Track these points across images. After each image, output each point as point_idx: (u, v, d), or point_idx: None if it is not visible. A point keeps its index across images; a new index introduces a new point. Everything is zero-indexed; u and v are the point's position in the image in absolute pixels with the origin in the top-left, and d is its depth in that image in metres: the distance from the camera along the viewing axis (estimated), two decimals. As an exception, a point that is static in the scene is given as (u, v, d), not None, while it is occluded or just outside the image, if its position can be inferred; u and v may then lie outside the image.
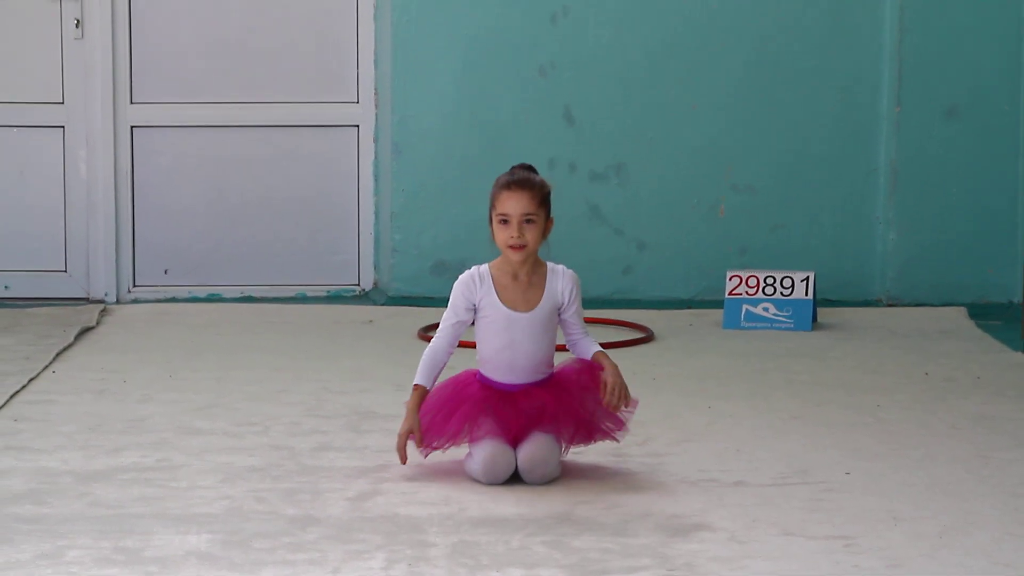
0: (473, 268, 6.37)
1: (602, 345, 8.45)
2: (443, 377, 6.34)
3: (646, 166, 9.57)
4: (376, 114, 9.72)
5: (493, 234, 6.30)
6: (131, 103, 9.71)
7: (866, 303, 9.51)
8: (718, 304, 9.10)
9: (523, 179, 6.26)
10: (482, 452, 6.11)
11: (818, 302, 9.04)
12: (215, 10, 9.69)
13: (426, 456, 6.29)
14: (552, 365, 6.29)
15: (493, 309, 6.24)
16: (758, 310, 8.90)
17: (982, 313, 9.23)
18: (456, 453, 6.30)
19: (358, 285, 9.83)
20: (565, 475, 6.28)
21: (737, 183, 9.62)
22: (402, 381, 7.74)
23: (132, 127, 9.72)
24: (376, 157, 9.73)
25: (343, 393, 7.56)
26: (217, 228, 9.78)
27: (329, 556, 5.42)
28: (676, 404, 7.36)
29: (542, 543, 5.55)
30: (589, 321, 8.82)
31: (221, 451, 6.65)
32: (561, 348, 6.34)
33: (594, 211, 9.53)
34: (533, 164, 9.64)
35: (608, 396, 6.10)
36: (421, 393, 6.21)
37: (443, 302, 9.24)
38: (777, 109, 9.55)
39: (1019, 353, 8.31)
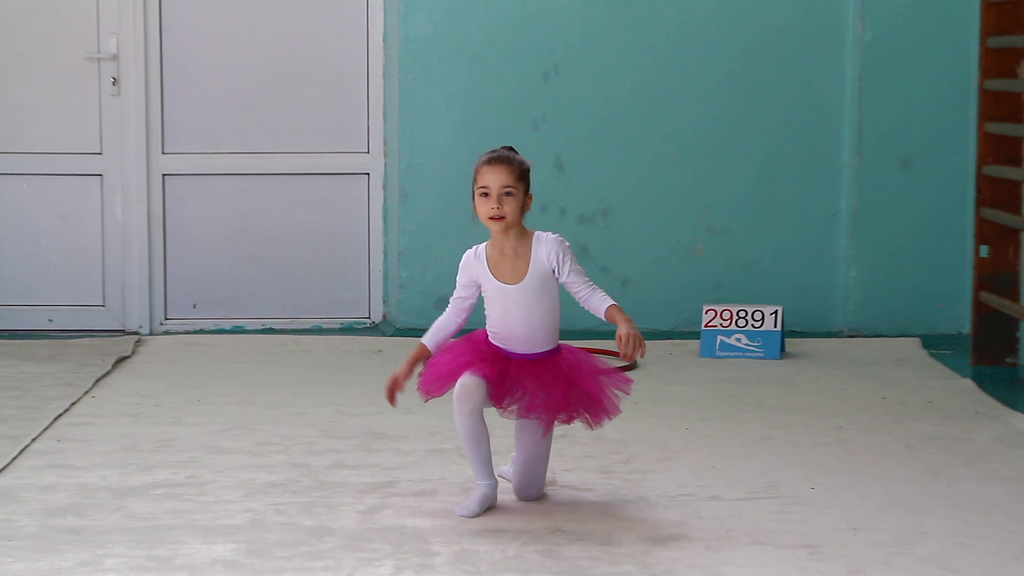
0: (473, 248, 6.27)
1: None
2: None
3: (630, 210, 9.58)
4: (385, 163, 9.73)
5: (475, 209, 6.17)
6: (163, 153, 9.72)
7: (829, 334, 9.51)
8: (695, 335, 9.11)
9: (503, 155, 6.13)
10: (460, 380, 6.04)
11: (786, 333, 9.05)
12: (239, 69, 9.70)
13: (425, 401, 6.25)
14: (555, 340, 6.14)
15: (488, 283, 6.13)
16: (732, 340, 8.91)
17: (934, 343, 9.23)
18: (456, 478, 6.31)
19: (368, 318, 9.84)
20: (556, 490, 6.28)
21: (713, 226, 9.63)
22: (409, 405, 7.74)
23: (164, 175, 9.72)
24: (385, 202, 9.73)
25: (355, 416, 7.57)
26: (241, 266, 9.78)
27: (343, 563, 5.44)
28: (657, 426, 7.36)
29: (535, 552, 5.56)
30: (578, 351, 8.83)
31: (244, 468, 6.66)
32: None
33: (583, 251, 9.53)
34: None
35: (624, 347, 5.88)
36: (421, 349, 6.24)
37: (446, 334, 9.33)
38: (749, 159, 9.56)
39: (967, 379, 8.31)
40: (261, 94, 9.72)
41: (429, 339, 6.23)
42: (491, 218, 6.08)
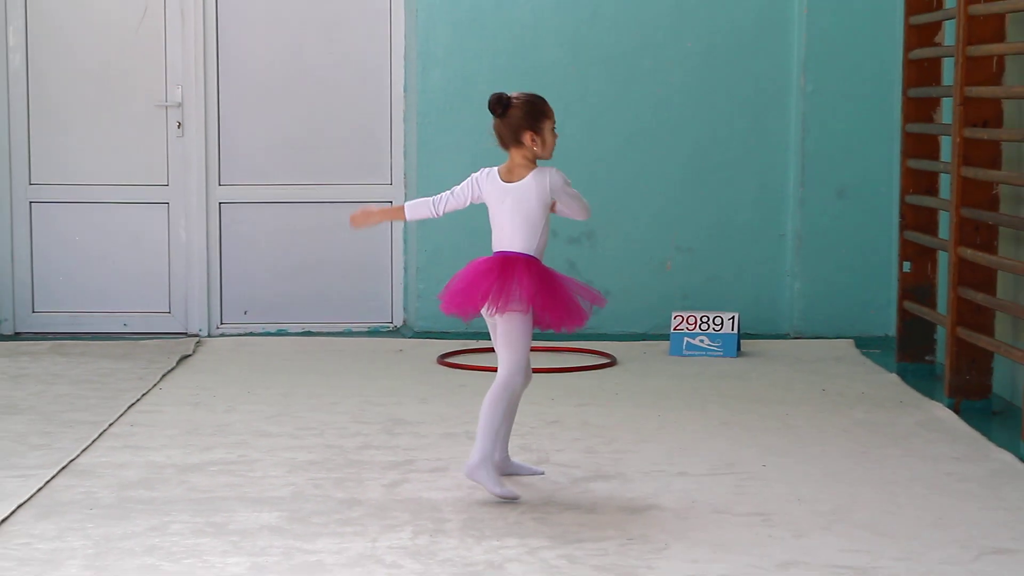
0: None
1: (575, 369, 8.51)
2: None
3: (610, 233, 9.57)
4: (405, 192, 9.72)
5: (540, 142, 6.06)
6: (219, 185, 9.71)
7: (778, 336, 9.50)
8: (666, 337, 9.09)
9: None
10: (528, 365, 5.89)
11: (741, 336, 9.03)
12: (283, 114, 9.70)
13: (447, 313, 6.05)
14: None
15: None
16: (696, 342, 8.89)
17: (865, 344, 9.22)
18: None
19: (391, 322, 9.82)
20: (549, 467, 6.25)
21: (680, 245, 9.62)
22: (426, 396, 7.75)
23: (220, 203, 9.72)
24: (405, 226, 9.72)
25: (380, 405, 7.55)
26: (284, 279, 9.77)
27: (369, 529, 5.43)
28: (633, 414, 7.34)
29: (532, 519, 5.55)
30: (563, 350, 8.87)
31: (287, 449, 6.65)
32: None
33: (571, 266, 9.52)
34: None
35: None
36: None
37: (457, 336, 9.35)
38: (711, 190, 9.55)
39: (893, 374, 8.30)
40: (301, 135, 9.72)
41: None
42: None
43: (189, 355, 8.95)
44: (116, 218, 9.74)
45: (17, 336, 9.65)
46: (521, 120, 6.05)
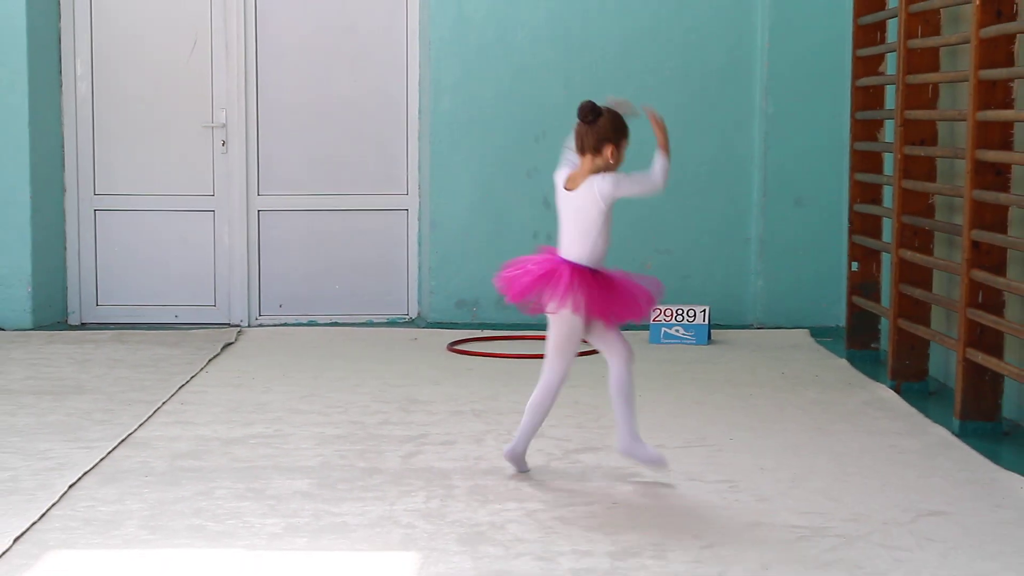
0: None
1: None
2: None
3: (598, 236, 9.56)
4: (419, 202, 9.72)
5: (614, 154, 5.54)
6: (258, 195, 9.71)
7: (743, 327, 9.49)
8: (645, 327, 9.08)
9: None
10: (566, 340, 5.60)
11: (711, 326, 9.02)
12: (313, 133, 9.68)
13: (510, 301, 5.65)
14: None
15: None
16: (672, 331, 8.88)
17: (819, 333, 9.20)
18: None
19: (407, 314, 9.81)
20: (543, 441, 6.25)
21: (659, 248, 9.60)
22: (437, 379, 7.74)
23: (259, 211, 9.71)
24: (419, 231, 9.72)
25: (397, 386, 7.55)
26: (314, 277, 9.76)
27: (388, 494, 5.43)
28: (617, 393, 7.34)
29: (529, 486, 5.56)
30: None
31: (316, 424, 6.64)
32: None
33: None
34: (521, 237, 9.70)
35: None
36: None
37: (465, 326, 9.36)
38: (685, 199, 9.53)
39: (843, 360, 8.30)
40: (330, 152, 9.72)
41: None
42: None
43: (232, 343, 8.94)
44: (168, 224, 9.74)
45: (83, 326, 9.66)
46: (608, 132, 5.58)
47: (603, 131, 5.56)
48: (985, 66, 6.49)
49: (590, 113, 5.60)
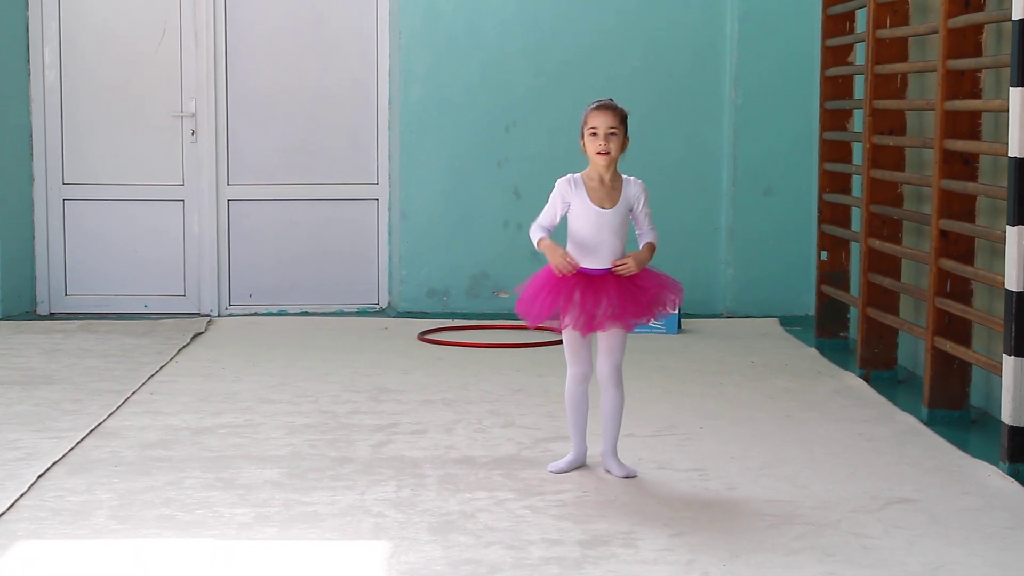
0: (568, 175, 5.59)
1: (538, 344, 8.49)
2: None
3: (568, 226, 9.56)
4: (389, 191, 9.70)
5: (584, 147, 5.52)
6: (228, 184, 9.68)
7: (713, 316, 9.51)
8: (615, 317, 9.09)
9: (607, 103, 5.50)
10: (569, 347, 5.54)
11: (682, 315, 9.03)
12: (283, 123, 9.66)
13: (533, 327, 5.60)
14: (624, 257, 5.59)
15: (584, 207, 5.49)
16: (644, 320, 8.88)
17: (788, 322, 9.24)
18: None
19: (377, 304, 9.80)
20: (514, 430, 6.25)
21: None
22: (407, 368, 7.73)
23: (228, 201, 9.69)
24: (390, 220, 9.71)
25: (367, 376, 7.54)
26: (284, 267, 9.74)
27: (358, 484, 5.42)
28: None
29: (499, 475, 5.55)
30: (528, 328, 8.84)
31: (286, 414, 6.63)
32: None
33: (534, 256, 9.50)
34: (490, 226, 9.68)
35: (617, 264, 5.56)
36: (550, 242, 5.48)
37: (437, 316, 9.36)
38: (654, 188, 9.42)
39: (812, 348, 8.32)
40: (299, 141, 9.69)
41: (543, 234, 5.53)
42: (598, 153, 5.48)
43: (201, 333, 8.91)
44: (138, 213, 9.70)
45: (52, 316, 9.61)
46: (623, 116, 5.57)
47: (622, 114, 5.54)
48: (953, 56, 6.51)
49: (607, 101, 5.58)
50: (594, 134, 5.46)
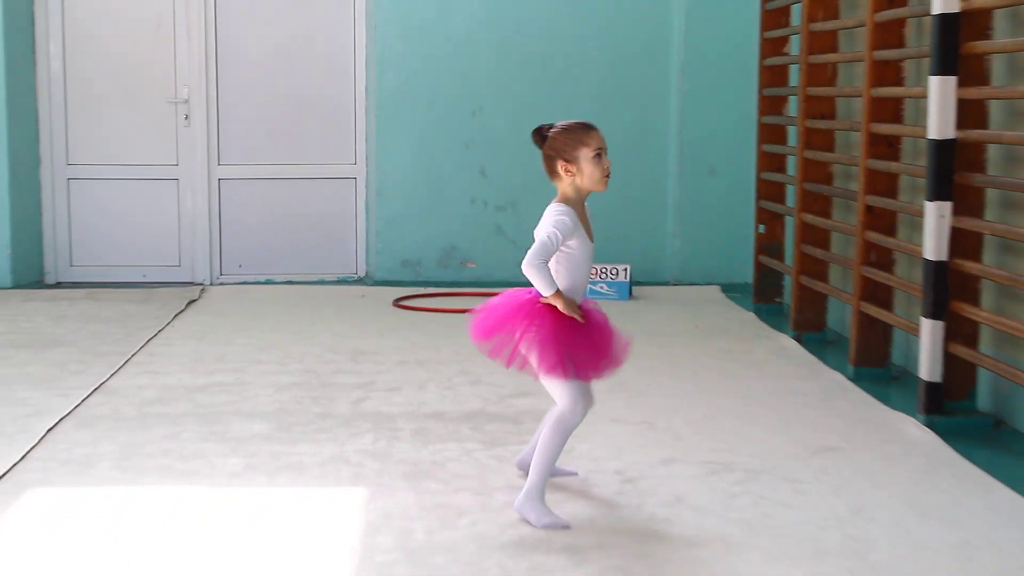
0: (561, 209, 4.52)
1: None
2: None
3: (531, 203, 9.54)
4: (367, 171, 9.70)
5: (576, 172, 4.55)
6: (219, 164, 9.66)
7: (661, 283, 9.55)
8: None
9: (592, 123, 4.63)
10: (579, 384, 4.54)
11: (632, 283, 9.07)
12: (269, 107, 9.64)
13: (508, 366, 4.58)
14: None
15: (583, 244, 4.50)
16: (598, 288, 8.92)
17: (729, 289, 9.27)
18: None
19: (356, 274, 9.80)
20: (482, 387, 6.27)
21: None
22: (384, 332, 7.74)
23: (219, 179, 9.67)
24: (366, 197, 9.70)
25: (347, 338, 7.55)
26: (271, 239, 9.73)
27: (339, 436, 5.43)
28: (547, 344, 7.36)
29: (467, 428, 5.57)
30: (490, 294, 8.89)
31: (274, 373, 6.63)
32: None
33: (498, 230, 9.53)
34: (458, 202, 9.65)
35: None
36: (558, 294, 4.38)
37: (410, 284, 9.36)
38: (612, 172, 9.55)
39: (751, 313, 8.36)
40: (284, 124, 9.68)
41: (552, 285, 4.41)
42: (606, 176, 4.60)
43: (195, 300, 8.90)
44: (136, 191, 9.67)
45: (58, 285, 9.58)
46: (555, 149, 4.59)
47: (550, 150, 4.60)
48: (879, 47, 6.55)
49: (536, 136, 4.66)
50: (599, 155, 4.57)
